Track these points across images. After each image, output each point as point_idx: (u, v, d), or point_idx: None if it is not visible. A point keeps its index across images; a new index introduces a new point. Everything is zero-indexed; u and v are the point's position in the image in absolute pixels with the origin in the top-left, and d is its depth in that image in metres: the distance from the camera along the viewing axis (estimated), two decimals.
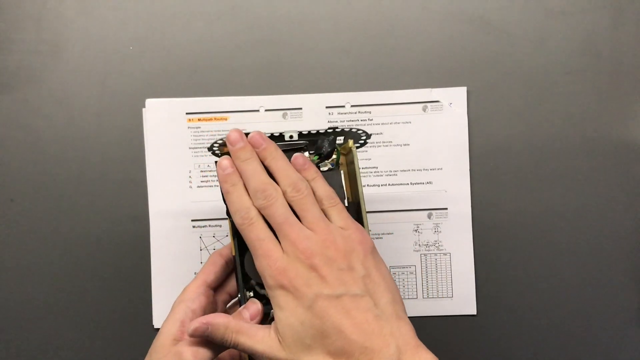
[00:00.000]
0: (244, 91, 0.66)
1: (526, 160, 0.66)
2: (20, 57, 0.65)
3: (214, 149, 0.53)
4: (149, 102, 0.65)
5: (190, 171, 0.66)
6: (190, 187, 0.66)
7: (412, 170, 0.66)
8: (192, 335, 0.48)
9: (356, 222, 0.49)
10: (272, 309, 0.50)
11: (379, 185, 0.66)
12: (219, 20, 0.66)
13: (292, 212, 0.48)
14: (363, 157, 0.66)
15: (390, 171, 0.66)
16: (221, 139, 0.52)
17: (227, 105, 0.66)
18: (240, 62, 0.66)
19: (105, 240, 0.66)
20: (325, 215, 0.49)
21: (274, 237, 0.48)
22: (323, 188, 0.50)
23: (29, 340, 0.66)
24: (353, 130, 0.53)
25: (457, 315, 0.66)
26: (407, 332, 0.46)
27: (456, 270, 0.66)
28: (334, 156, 0.53)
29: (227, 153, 0.52)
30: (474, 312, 0.66)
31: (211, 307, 0.54)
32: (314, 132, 0.52)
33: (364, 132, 0.54)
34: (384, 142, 0.67)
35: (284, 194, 0.48)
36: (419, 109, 0.66)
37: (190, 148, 0.66)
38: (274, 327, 0.47)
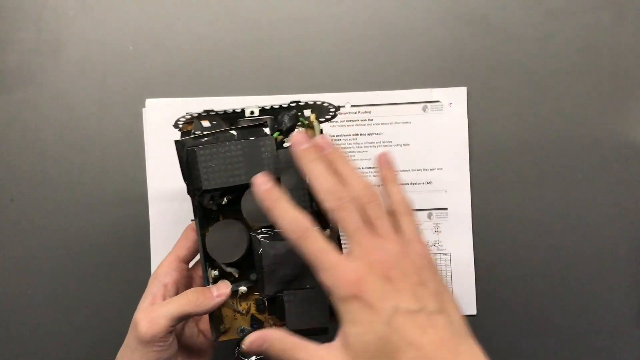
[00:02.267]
0: (244, 91, 0.66)
1: (526, 160, 0.66)
2: (20, 57, 0.65)
3: (179, 124, 0.52)
4: (149, 102, 0.65)
5: None
6: None
7: (412, 170, 0.66)
8: (248, 350, 0.46)
9: (421, 236, 0.47)
10: (240, 286, 0.50)
11: (379, 186, 0.66)
12: (219, 20, 0.66)
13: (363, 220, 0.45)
14: (363, 157, 0.66)
15: None
16: (188, 114, 0.52)
17: (227, 106, 0.66)
18: (240, 62, 0.66)
19: (105, 240, 0.66)
20: (398, 218, 0.47)
21: (334, 246, 0.44)
22: (401, 192, 0.48)
23: (29, 340, 0.66)
24: (318, 103, 0.52)
25: None
26: (480, 352, 0.44)
27: (456, 270, 0.66)
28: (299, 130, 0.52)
29: (189, 132, 0.51)
30: (474, 312, 0.66)
31: (185, 282, 0.54)
32: (277, 106, 0.51)
33: (331, 104, 0.53)
34: (384, 142, 0.66)
35: (356, 199, 0.45)
36: (419, 109, 0.66)
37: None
38: (340, 343, 0.44)
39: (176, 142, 0.50)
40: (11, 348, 0.66)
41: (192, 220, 0.52)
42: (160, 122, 0.66)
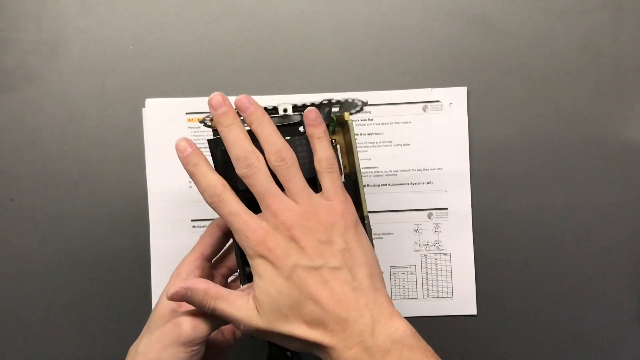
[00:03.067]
0: (244, 91, 0.65)
1: (526, 160, 0.66)
2: (20, 57, 0.65)
3: (206, 121, 0.52)
4: (149, 102, 0.65)
5: None
6: (190, 187, 0.66)
7: (412, 170, 0.66)
8: (170, 299, 0.48)
9: (346, 194, 0.49)
10: None
11: (379, 185, 0.66)
12: (219, 20, 0.66)
13: (274, 182, 0.47)
14: (363, 157, 0.66)
15: (390, 171, 0.66)
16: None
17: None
18: (240, 62, 0.66)
19: (105, 240, 0.66)
20: (319, 177, 0.49)
21: (246, 209, 0.47)
22: (326, 150, 0.49)
23: (29, 340, 0.66)
24: (349, 100, 0.53)
25: (457, 315, 0.66)
26: (383, 303, 0.47)
27: (456, 270, 0.66)
28: (330, 128, 0.53)
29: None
30: (474, 312, 0.66)
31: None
32: (309, 104, 0.51)
33: (359, 100, 0.53)
34: (384, 142, 0.66)
35: (268, 161, 0.48)
36: (419, 109, 0.66)
37: None
38: (252, 295, 0.47)
39: (209, 141, 0.50)
40: (11, 348, 0.66)
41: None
42: (160, 122, 0.66)
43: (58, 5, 0.65)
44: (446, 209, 0.66)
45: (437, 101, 0.66)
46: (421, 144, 0.66)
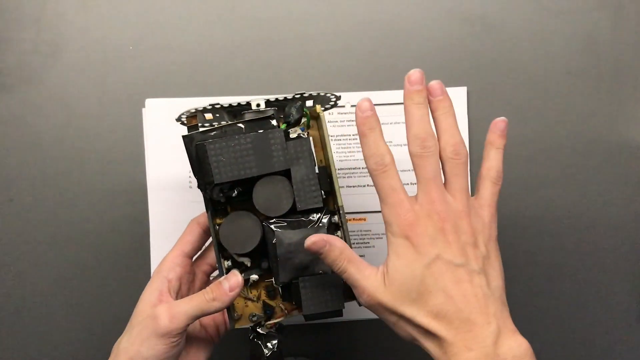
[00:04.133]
0: (244, 91, 0.66)
1: (526, 160, 0.66)
2: (20, 57, 0.65)
3: (182, 119, 0.52)
4: (149, 102, 0.65)
5: (189, 171, 0.66)
6: (190, 187, 0.66)
7: (412, 170, 0.66)
8: (307, 248, 0.48)
9: (496, 207, 0.50)
10: (252, 274, 0.51)
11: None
12: (219, 20, 0.66)
13: (441, 172, 0.48)
14: (363, 157, 0.66)
15: None
16: (193, 109, 0.52)
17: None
18: (240, 62, 0.66)
19: (105, 240, 0.66)
20: (481, 183, 0.50)
21: (404, 189, 0.48)
22: (499, 162, 0.51)
23: (29, 338, 0.66)
24: (321, 94, 0.53)
25: None
26: (508, 318, 0.47)
27: None
28: (304, 121, 0.53)
29: (196, 126, 0.52)
30: None
31: (188, 277, 0.55)
32: (282, 98, 0.52)
33: (333, 94, 0.54)
34: None
35: (443, 151, 0.48)
36: None
37: None
38: (382, 270, 0.48)
39: (184, 137, 0.50)
40: (11, 347, 0.66)
41: (206, 212, 0.52)
42: (160, 121, 0.66)
43: (58, 5, 0.65)
44: None
45: None
46: None
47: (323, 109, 0.55)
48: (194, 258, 0.57)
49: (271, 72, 0.66)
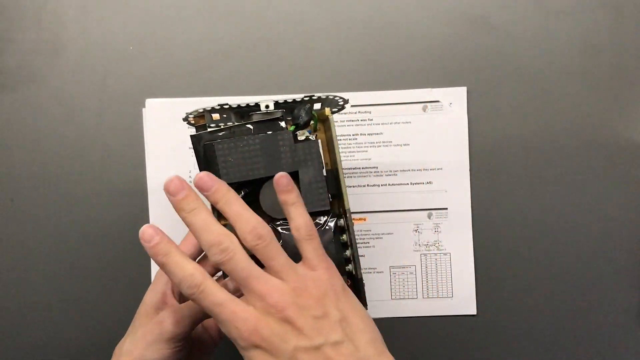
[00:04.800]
0: (244, 91, 0.66)
1: (526, 160, 0.66)
2: (20, 57, 0.65)
3: (189, 119, 0.52)
4: (149, 102, 0.65)
5: (190, 171, 0.66)
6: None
7: (412, 170, 0.66)
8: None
9: (327, 259, 0.47)
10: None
11: (379, 185, 0.66)
12: (219, 20, 0.66)
13: (253, 263, 0.44)
14: (363, 157, 0.66)
15: (390, 171, 0.66)
16: (201, 109, 0.51)
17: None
18: (240, 62, 0.66)
19: (106, 241, 0.66)
20: (298, 245, 0.46)
21: (231, 296, 0.44)
22: (303, 217, 0.46)
23: (29, 338, 0.66)
24: (330, 97, 0.53)
25: (457, 315, 0.66)
26: None
27: (456, 270, 0.66)
28: (312, 123, 0.52)
29: (203, 125, 0.51)
30: (474, 312, 0.66)
31: None
32: (291, 100, 0.52)
33: (341, 97, 0.54)
34: (384, 142, 0.66)
35: (244, 241, 0.44)
36: (419, 109, 0.66)
37: (190, 148, 0.66)
38: None
39: (192, 136, 0.50)
40: (11, 347, 0.66)
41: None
42: (161, 122, 0.66)
43: (58, 5, 0.65)
44: (446, 209, 0.66)
45: (437, 101, 0.66)
46: (421, 144, 0.66)
47: (334, 110, 0.56)
48: (197, 260, 0.56)
49: (271, 72, 0.66)
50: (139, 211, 0.65)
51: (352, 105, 0.66)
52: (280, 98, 0.52)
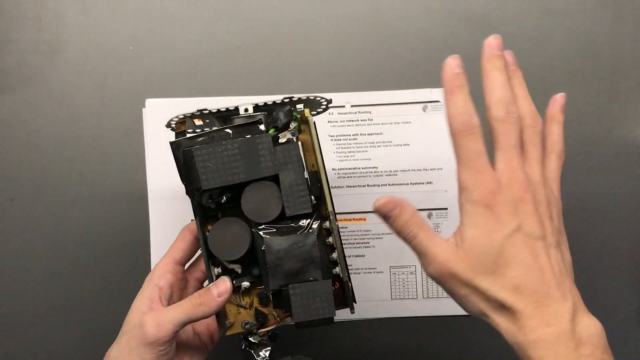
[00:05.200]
0: (244, 91, 0.66)
1: None
2: (20, 57, 0.65)
3: (172, 124, 0.52)
4: (149, 102, 0.65)
5: None
6: None
7: (412, 170, 0.66)
8: (376, 209, 0.47)
9: (559, 181, 0.49)
10: (243, 281, 0.51)
11: (379, 185, 0.66)
12: (219, 20, 0.66)
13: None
14: (363, 157, 0.66)
15: (391, 171, 0.66)
16: (182, 115, 0.52)
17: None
18: (240, 62, 0.66)
19: (106, 240, 0.66)
20: (545, 155, 0.49)
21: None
22: (559, 134, 0.50)
23: (28, 339, 0.66)
24: (311, 97, 0.52)
25: (458, 315, 0.66)
26: (578, 295, 0.46)
27: None
28: (294, 125, 0.52)
29: (183, 132, 0.52)
30: None
31: (180, 284, 0.55)
32: (270, 102, 0.51)
33: (323, 98, 0.53)
34: (384, 142, 0.67)
35: (522, 119, 0.46)
36: (419, 109, 0.66)
37: None
38: (456, 239, 0.45)
39: (171, 143, 0.50)
40: (11, 348, 0.66)
41: (191, 220, 0.52)
42: (161, 122, 0.65)
43: (58, 5, 0.65)
44: (446, 209, 0.66)
45: (437, 101, 0.66)
46: (421, 144, 0.66)
47: (315, 112, 0.55)
48: (187, 265, 0.56)
49: (271, 72, 0.66)
50: (139, 210, 0.65)
51: (352, 105, 0.66)
52: (260, 100, 0.51)
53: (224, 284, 0.50)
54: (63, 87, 0.65)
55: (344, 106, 0.66)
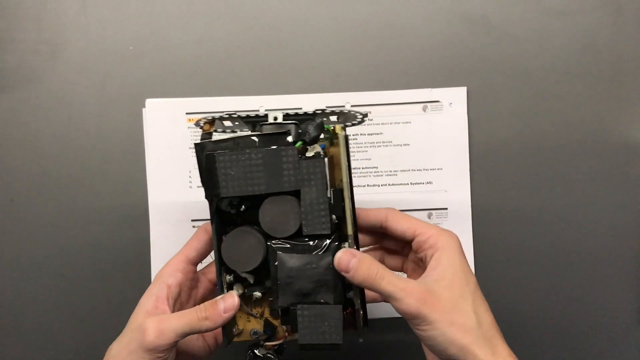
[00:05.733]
0: (244, 91, 0.66)
1: (526, 160, 0.66)
2: (20, 57, 0.65)
3: (200, 123, 0.51)
4: (149, 102, 0.65)
5: (190, 171, 0.66)
6: (190, 187, 0.66)
7: (412, 170, 0.66)
8: (337, 266, 0.47)
9: None
10: (255, 291, 0.50)
11: (379, 186, 0.66)
12: (219, 20, 0.66)
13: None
14: (363, 157, 0.66)
15: (390, 171, 0.66)
16: (211, 116, 0.51)
17: (227, 106, 0.66)
18: (240, 62, 0.66)
19: (105, 241, 0.66)
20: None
21: None
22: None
23: (28, 339, 0.66)
24: (344, 110, 0.51)
25: None
26: None
27: None
28: (325, 137, 0.50)
29: (209, 133, 0.51)
30: None
31: (190, 284, 0.54)
32: (302, 113, 0.50)
33: (358, 112, 0.51)
34: (384, 142, 0.66)
35: None
36: (419, 109, 0.66)
37: (190, 148, 0.66)
38: (428, 277, 0.49)
39: (196, 145, 0.49)
40: (11, 348, 0.66)
41: (209, 220, 0.51)
42: (160, 122, 0.65)
43: (58, 5, 0.65)
44: (446, 209, 0.66)
45: (437, 101, 0.66)
46: (421, 144, 0.66)
47: (350, 124, 0.53)
48: (200, 267, 0.55)
49: (271, 72, 0.66)
50: (139, 211, 0.65)
51: (352, 105, 0.66)
52: (291, 110, 0.50)
53: (232, 300, 0.49)
54: (63, 87, 0.65)
55: (343, 106, 0.66)
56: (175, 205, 0.65)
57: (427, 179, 0.66)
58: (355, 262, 0.47)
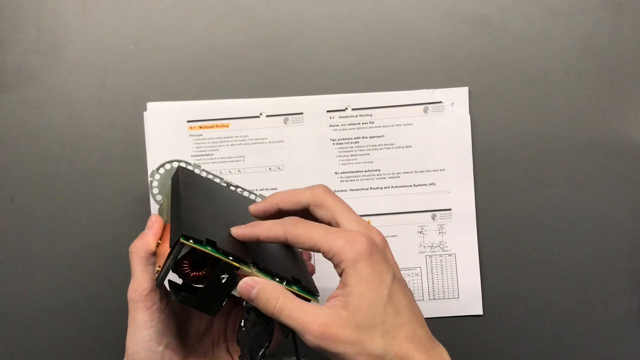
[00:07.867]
0: (245, 93, 0.66)
1: (529, 160, 0.66)
2: (20, 57, 0.65)
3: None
4: (151, 105, 0.65)
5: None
6: None
7: (415, 172, 0.66)
8: (240, 295, 0.45)
9: None
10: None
11: (382, 188, 0.66)
12: (219, 20, 0.66)
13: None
14: (365, 160, 0.66)
15: (393, 173, 0.66)
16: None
17: (228, 111, 0.65)
18: (241, 63, 0.66)
19: (106, 242, 0.65)
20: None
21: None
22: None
23: (28, 339, 0.65)
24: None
25: (464, 315, 0.66)
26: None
27: (461, 270, 0.66)
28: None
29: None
30: (481, 312, 0.65)
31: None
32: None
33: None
34: (386, 144, 0.66)
35: None
36: (421, 110, 0.66)
37: (192, 156, 0.65)
38: (338, 302, 0.44)
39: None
40: (11, 348, 0.65)
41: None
42: (162, 130, 0.65)
43: (58, 5, 0.65)
44: (450, 209, 0.66)
45: (439, 102, 0.66)
46: (423, 145, 0.66)
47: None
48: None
49: (272, 73, 0.66)
50: (140, 211, 0.65)
51: (353, 109, 0.66)
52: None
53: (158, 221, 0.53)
54: (63, 87, 0.65)
55: (345, 109, 0.66)
56: None
57: (430, 181, 0.66)
58: (255, 293, 0.45)
